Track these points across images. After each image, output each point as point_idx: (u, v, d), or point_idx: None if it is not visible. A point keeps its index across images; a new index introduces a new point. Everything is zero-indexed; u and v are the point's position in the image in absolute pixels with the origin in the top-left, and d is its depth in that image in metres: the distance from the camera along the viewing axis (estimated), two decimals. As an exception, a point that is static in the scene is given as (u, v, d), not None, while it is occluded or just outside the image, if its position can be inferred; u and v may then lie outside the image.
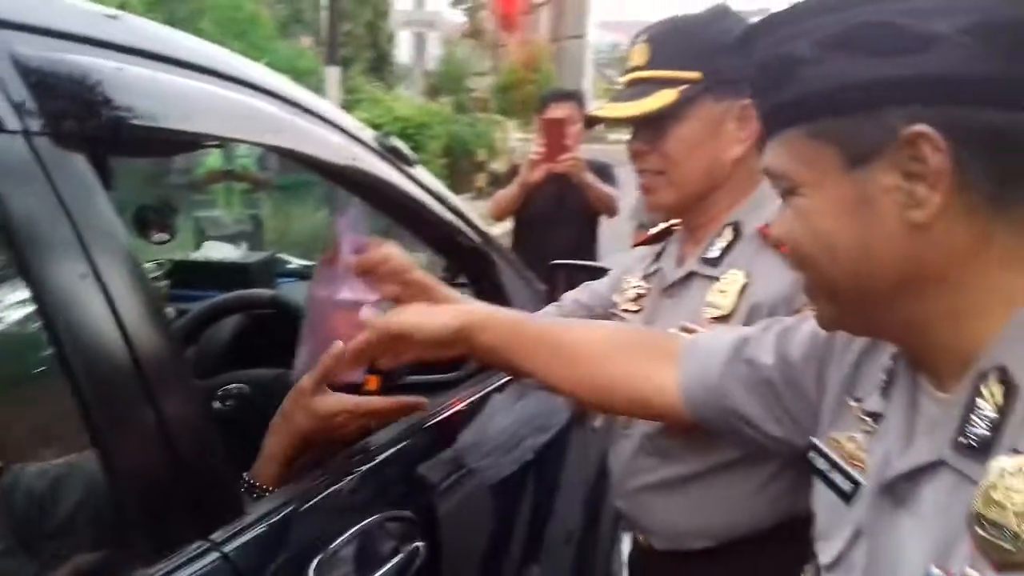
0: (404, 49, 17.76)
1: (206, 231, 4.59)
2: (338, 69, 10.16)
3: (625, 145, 1.41)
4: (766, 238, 1.26)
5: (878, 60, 0.71)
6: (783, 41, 0.76)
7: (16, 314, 0.89)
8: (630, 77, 1.34)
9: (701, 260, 1.33)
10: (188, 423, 0.97)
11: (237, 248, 3.06)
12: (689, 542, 1.34)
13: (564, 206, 3.41)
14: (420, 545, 1.27)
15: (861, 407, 0.88)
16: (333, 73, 9.80)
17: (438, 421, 1.50)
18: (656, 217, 1.57)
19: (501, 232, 3.19)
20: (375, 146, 1.55)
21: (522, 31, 15.80)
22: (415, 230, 1.75)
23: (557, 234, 3.27)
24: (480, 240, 1.78)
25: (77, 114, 0.93)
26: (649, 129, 1.32)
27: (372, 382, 1.85)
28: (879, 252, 0.74)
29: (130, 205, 1.90)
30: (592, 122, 1.46)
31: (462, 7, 24.00)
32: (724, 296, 1.27)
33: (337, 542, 1.12)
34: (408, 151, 1.65)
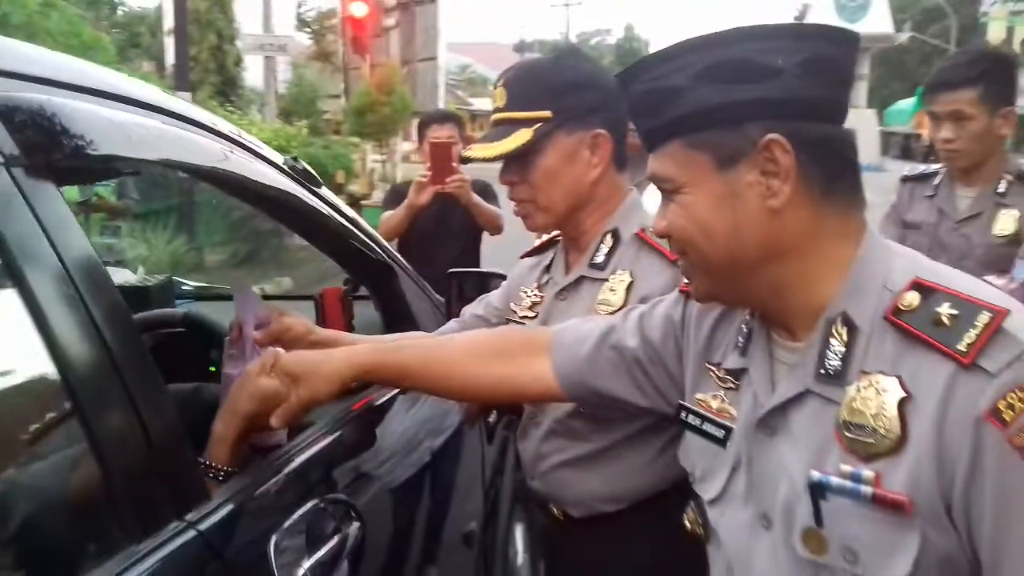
0: (252, 72, 17.54)
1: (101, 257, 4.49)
2: (188, 95, 9.98)
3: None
4: (643, 240, 1.50)
5: (737, 87, 0.92)
6: (662, 76, 0.96)
7: (5, 320, 0.99)
8: (494, 118, 1.56)
9: (589, 265, 1.55)
10: (162, 417, 1.09)
11: (134, 272, 3.07)
12: (601, 507, 1.54)
13: (448, 224, 3.52)
14: (355, 526, 1.42)
15: (722, 368, 1.09)
16: (184, 99, 9.60)
17: (356, 416, 1.65)
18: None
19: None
20: (286, 168, 1.69)
21: (373, 54, 15.87)
22: (323, 246, 1.89)
23: (441, 251, 3.36)
24: (382, 254, 1.94)
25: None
26: (516, 163, 1.53)
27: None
28: (746, 233, 0.95)
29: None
30: (465, 161, 1.67)
31: (308, 30, 23.84)
32: (614, 294, 1.49)
33: (291, 520, 1.26)
34: (314, 173, 1.80)
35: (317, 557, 1.28)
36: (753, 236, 0.95)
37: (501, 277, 2.02)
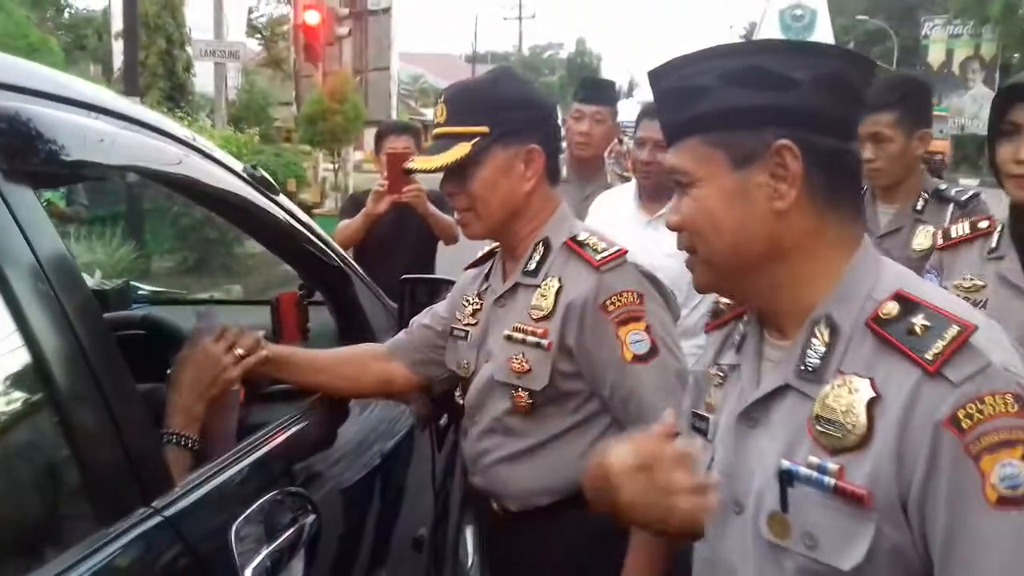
0: (202, 78, 17.34)
1: None
2: (138, 100, 9.89)
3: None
4: (571, 249, 1.61)
5: (758, 93, 1.00)
6: (690, 76, 1.03)
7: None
8: (435, 132, 1.66)
9: (523, 273, 1.66)
10: (129, 407, 1.15)
11: (91, 276, 3.07)
12: (537, 500, 1.64)
13: (403, 233, 3.56)
14: (312, 518, 1.49)
15: (718, 365, 1.16)
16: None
17: (313, 414, 1.72)
18: None
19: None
20: (244, 175, 1.75)
21: (325, 62, 15.83)
22: (279, 251, 1.95)
23: (397, 259, 3.37)
24: (337, 261, 2.00)
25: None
26: (456, 175, 1.63)
27: (240, 394, 2.05)
28: (752, 230, 1.01)
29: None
30: (408, 172, 1.78)
31: (259, 36, 23.66)
32: (545, 299, 1.59)
33: (251, 510, 1.33)
34: (272, 181, 1.86)
35: (275, 545, 1.35)
36: (757, 234, 1.01)
37: (451, 283, 2.10)
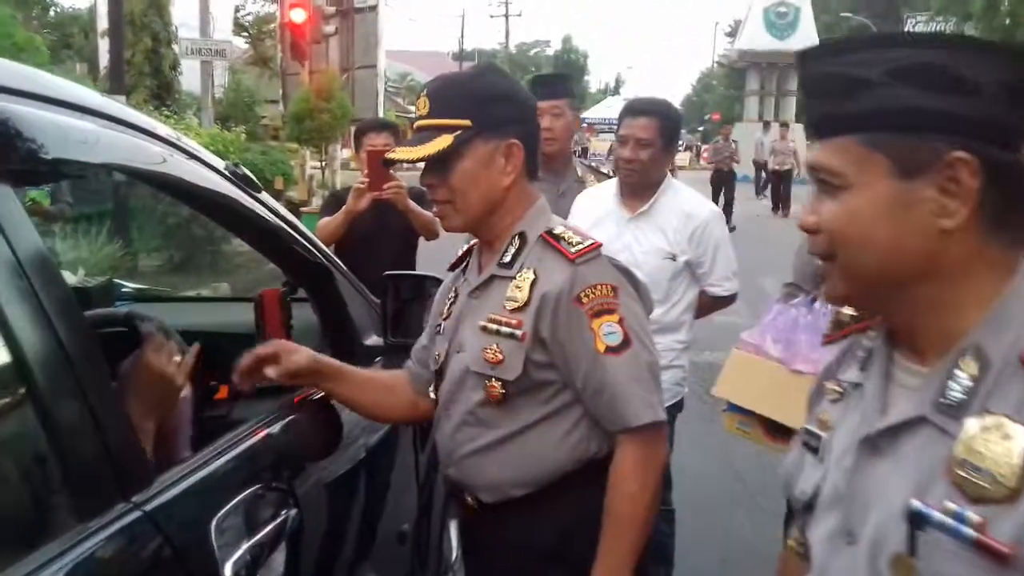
0: (188, 76, 17.29)
1: None
2: (123, 98, 9.85)
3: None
4: (547, 241, 1.63)
5: (935, 96, 0.88)
6: (851, 64, 0.91)
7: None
8: (417, 125, 1.67)
9: (498, 265, 1.67)
10: (109, 403, 1.16)
11: (74, 274, 3.07)
12: (511, 491, 1.66)
13: (384, 229, 3.58)
14: (293, 512, 1.50)
15: (835, 381, 1.08)
16: (119, 102, 9.48)
17: (297, 409, 1.73)
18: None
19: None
20: (227, 173, 1.76)
21: (312, 60, 15.79)
22: (262, 249, 1.96)
23: (379, 255, 3.38)
24: (320, 257, 2.01)
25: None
26: (436, 167, 1.63)
27: (223, 391, 2.06)
28: (907, 247, 0.90)
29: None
30: (388, 163, 1.77)
31: (246, 34, 23.61)
32: (520, 291, 1.61)
33: (232, 503, 1.34)
34: (253, 178, 1.87)
35: (256, 539, 1.36)
36: (913, 252, 0.91)
37: (435, 280, 2.11)
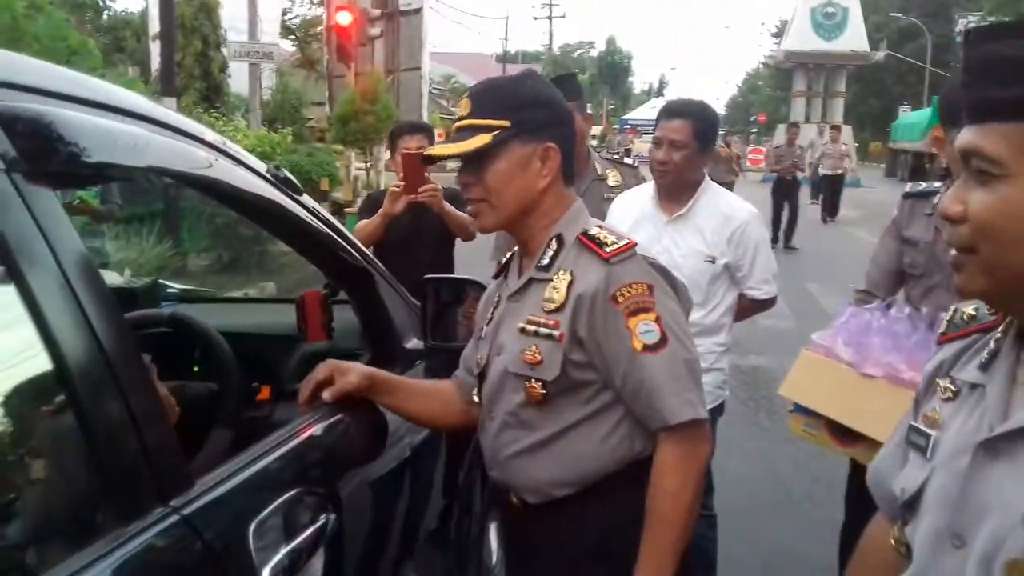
0: (237, 79, 17.55)
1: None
2: (173, 100, 10.04)
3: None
4: (583, 243, 1.65)
5: None
6: None
7: (3, 315, 1.06)
8: (457, 124, 1.70)
9: (536, 267, 1.69)
10: (149, 407, 1.16)
11: (121, 275, 3.12)
12: (554, 492, 1.66)
13: (421, 231, 3.61)
14: (332, 516, 1.49)
15: (951, 379, 1.04)
16: (169, 104, 9.65)
17: (338, 412, 1.73)
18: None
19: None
20: (269, 176, 1.76)
21: (358, 62, 15.93)
22: (304, 251, 1.96)
23: (416, 257, 3.42)
24: (361, 260, 2.01)
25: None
26: (473, 166, 1.66)
27: (265, 392, 2.07)
28: None
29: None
30: (428, 160, 1.85)
31: (293, 37, 23.88)
32: (557, 292, 1.63)
33: (270, 508, 1.33)
34: (295, 180, 1.87)
35: (294, 544, 1.35)
36: None
37: (475, 283, 2.10)
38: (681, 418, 1.56)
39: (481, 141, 1.60)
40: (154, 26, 15.12)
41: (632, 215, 2.83)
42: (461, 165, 1.68)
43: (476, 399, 1.79)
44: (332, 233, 1.92)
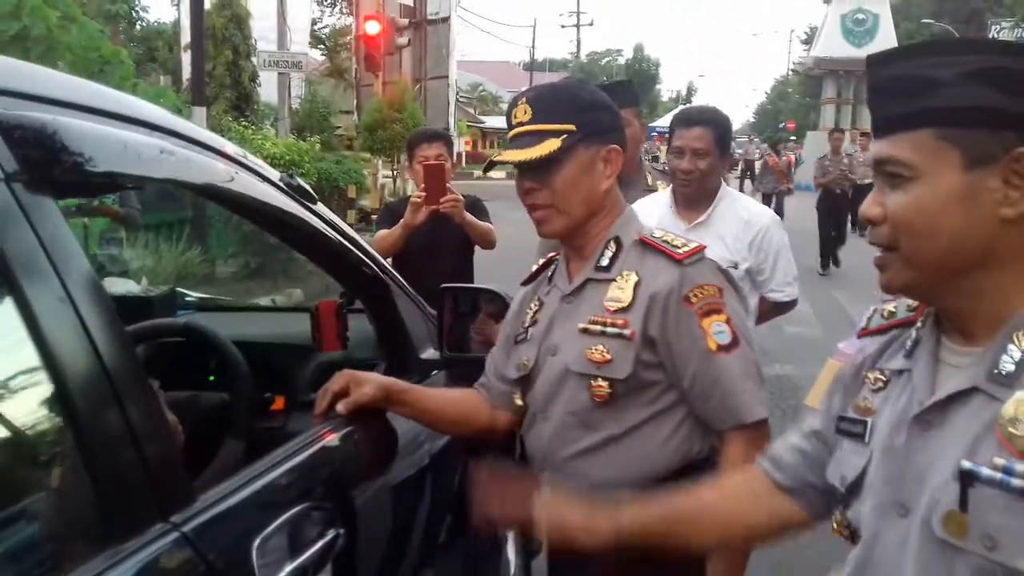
0: (266, 88, 17.69)
1: (105, 268, 4.64)
2: (204, 109, 10.13)
3: (515, 183, 1.72)
4: (647, 244, 1.66)
5: (1005, 96, 0.96)
6: (925, 66, 0.99)
7: (4, 328, 1.04)
8: (517, 131, 1.67)
9: (595, 268, 1.69)
10: (150, 421, 1.14)
11: (138, 284, 3.12)
12: (616, 492, 1.59)
13: (441, 240, 3.59)
14: (341, 531, 1.46)
15: (879, 370, 1.14)
16: (200, 113, 9.76)
17: (347, 425, 1.70)
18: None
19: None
20: (282, 185, 1.74)
21: (385, 71, 16.01)
22: (318, 260, 1.94)
23: (436, 266, 3.38)
24: (377, 269, 1.99)
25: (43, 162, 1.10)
26: (537, 171, 1.65)
27: (279, 402, 2.04)
28: (971, 235, 0.97)
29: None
30: (491, 166, 1.83)
31: (322, 47, 24.07)
32: (622, 292, 1.64)
33: (275, 524, 1.30)
34: (310, 189, 1.85)
35: (299, 561, 1.32)
36: (975, 240, 0.98)
37: (492, 293, 2.07)
38: (756, 416, 1.61)
39: (551, 147, 1.60)
40: (186, 36, 15.28)
41: (649, 223, 2.80)
42: (521, 171, 1.67)
43: (519, 402, 1.77)
44: (346, 242, 1.89)
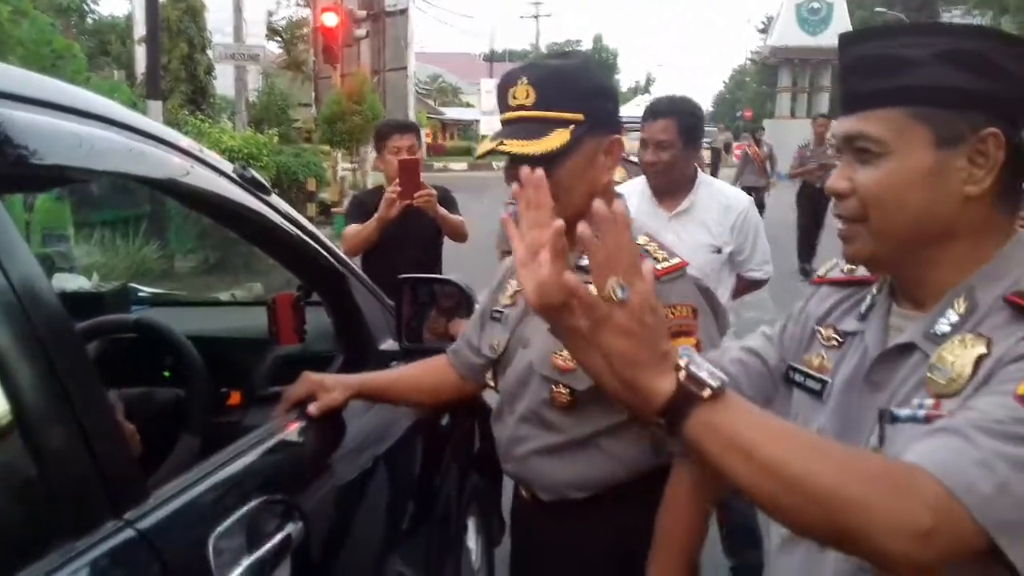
0: (222, 80, 17.45)
1: (55, 264, 4.56)
2: (159, 103, 9.98)
3: (504, 172, 1.62)
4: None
5: (975, 77, 0.99)
6: (900, 45, 1.03)
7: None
8: (517, 114, 1.55)
9: (575, 268, 1.61)
10: (100, 417, 1.12)
11: (89, 279, 3.07)
12: (571, 493, 1.62)
13: (410, 232, 3.59)
14: (300, 525, 1.45)
15: (832, 328, 1.19)
16: (155, 107, 9.61)
17: (303, 419, 1.69)
18: None
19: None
20: (235, 177, 1.71)
21: (344, 63, 15.87)
22: (274, 253, 1.92)
23: (403, 257, 3.39)
24: (333, 261, 1.97)
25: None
26: (539, 162, 1.44)
27: (235, 397, 2.02)
28: (936, 210, 1.01)
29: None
30: (487, 154, 1.65)
31: (279, 39, 23.78)
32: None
33: (231, 519, 1.29)
34: (264, 181, 1.83)
35: (257, 556, 1.31)
36: (940, 215, 1.02)
37: (450, 283, 2.06)
38: None
39: (561, 138, 1.50)
40: (139, 29, 15.07)
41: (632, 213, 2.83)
42: (512, 157, 1.52)
43: (491, 383, 1.75)
44: (302, 234, 1.87)
